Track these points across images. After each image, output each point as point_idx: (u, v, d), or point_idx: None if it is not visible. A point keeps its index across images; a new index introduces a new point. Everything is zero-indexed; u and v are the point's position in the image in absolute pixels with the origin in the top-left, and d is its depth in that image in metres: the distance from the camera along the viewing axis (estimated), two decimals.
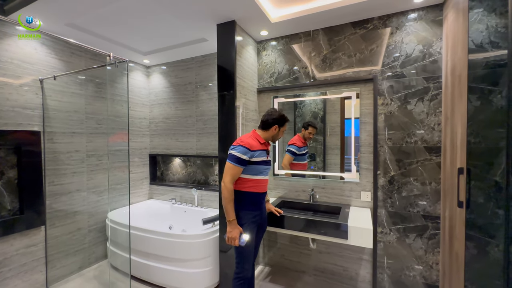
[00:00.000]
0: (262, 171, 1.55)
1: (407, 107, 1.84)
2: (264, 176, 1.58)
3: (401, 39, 1.86)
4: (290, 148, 2.26)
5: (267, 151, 1.61)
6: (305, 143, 2.22)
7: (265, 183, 1.60)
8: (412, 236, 1.85)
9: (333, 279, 2.14)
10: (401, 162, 1.87)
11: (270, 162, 1.65)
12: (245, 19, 1.96)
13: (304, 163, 2.24)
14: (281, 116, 1.59)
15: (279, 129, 1.61)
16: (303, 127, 2.21)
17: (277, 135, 1.62)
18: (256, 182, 1.53)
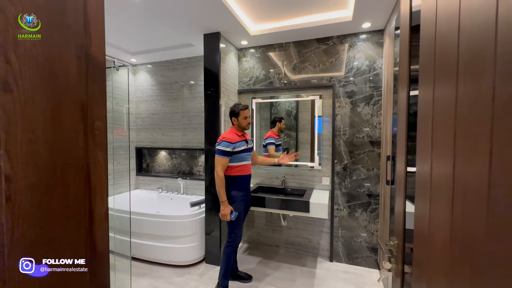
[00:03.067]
0: (245, 158, 1.95)
1: (357, 109, 2.33)
2: (248, 161, 1.98)
3: (353, 55, 2.33)
4: (270, 140, 2.65)
5: (246, 140, 1.98)
6: (278, 136, 2.63)
7: (249, 167, 2.00)
8: (359, 210, 2.36)
9: (301, 249, 2.60)
10: (352, 153, 2.36)
11: (251, 149, 2.03)
12: (228, 31, 2.30)
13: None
14: (231, 109, 1.97)
15: (238, 118, 1.95)
16: (277, 121, 2.62)
17: (242, 123, 1.94)
18: (242, 167, 1.92)
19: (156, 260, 2.39)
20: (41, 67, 0.33)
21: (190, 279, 2.16)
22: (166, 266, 2.36)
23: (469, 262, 0.37)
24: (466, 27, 0.42)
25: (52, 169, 0.34)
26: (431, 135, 0.59)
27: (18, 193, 0.31)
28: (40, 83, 0.33)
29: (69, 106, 0.37)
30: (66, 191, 0.36)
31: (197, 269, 2.31)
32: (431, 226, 0.59)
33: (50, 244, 0.34)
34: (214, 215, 2.36)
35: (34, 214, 0.32)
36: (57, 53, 0.35)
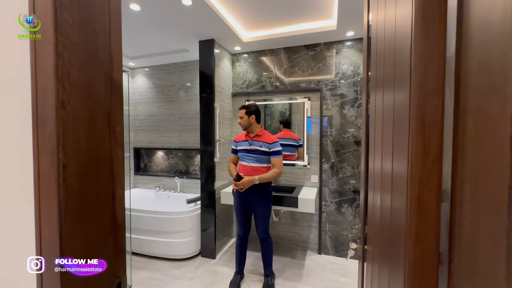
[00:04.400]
0: (243, 158, 2.01)
1: (343, 111, 2.50)
2: (246, 162, 1.98)
3: (339, 61, 2.50)
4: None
5: (249, 141, 2.00)
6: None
7: (246, 168, 1.97)
8: (345, 206, 2.52)
9: (291, 243, 2.76)
10: (338, 152, 2.53)
11: (252, 150, 1.96)
12: (222, 38, 2.45)
13: (293, 154, 2.76)
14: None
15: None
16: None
17: (241, 124, 2.01)
18: (241, 166, 2.03)
19: (154, 254, 2.53)
20: (82, 90, 0.48)
21: (187, 271, 2.29)
22: (164, 259, 2.49)
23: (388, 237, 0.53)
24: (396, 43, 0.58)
25: (89, 161, 0.49)
26: (374, 135, 0.76)
27: (69, 176, 0.45)
28: (82, 101, 0.48)
29: (99, 116, 0.51)
30: (97, 177, 0.51)
31: (193, 262, 2.45)
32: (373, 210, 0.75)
33: (87, 213, 0.49)
34: (209, 212, 2.50)
35: (79, 191, 0.47)
36: (93, 79, 0.50)
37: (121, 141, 0.57)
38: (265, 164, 1.99)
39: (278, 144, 1.97)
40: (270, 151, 1.95)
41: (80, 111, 0.47)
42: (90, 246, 0.49)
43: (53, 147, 0.43)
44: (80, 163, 0.47)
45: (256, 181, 1.87)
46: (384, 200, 0.59)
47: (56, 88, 0.43)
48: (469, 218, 0.30)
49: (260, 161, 1.97)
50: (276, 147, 1.95)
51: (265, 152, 1.95)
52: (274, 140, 1.96)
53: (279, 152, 1.96)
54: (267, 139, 1.97)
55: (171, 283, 2.12)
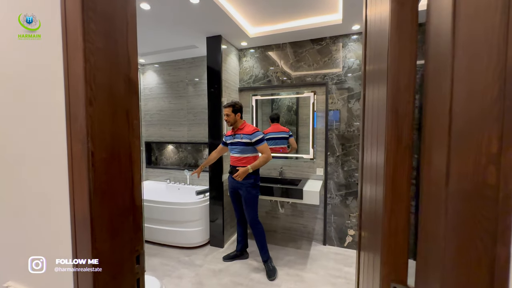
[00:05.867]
0: (231, 150, 2.26)
1: (348, 105, 2.52)
2: (233, 153, 2.22)
3: (345, 55, 2.51)
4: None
5: (232, 135, 2.21)
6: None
7: (233, 159, 2.22)
8: (350, 198, 2.57)
9: (297, 234, 2.84)
10: (344, 145, 2.56)
11: (235, 143, 2.18)
12: (229, 34, 2.51)
13: (285, 146, 2.86)
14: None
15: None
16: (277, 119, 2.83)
17: (228, 121, 2.18)
18: (230, 157, 2.27)
19: (166, 243, 2.67)
20: (106, 90, 0.56)
21: (196, 258, 2.42)
22: (174, 247, 2.63)
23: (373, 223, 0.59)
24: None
25: (112, 149, 0.57)
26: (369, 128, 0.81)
27: (97, 162, 0.54)
28: (106, 100, 0.56)
29: (120, 112, 0.59)
30: (119, 163, 0.59)
31: (202, 250, 2.57)
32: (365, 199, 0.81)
33: (112, 193, 0.58)
34: (217, 204, 2.61)
35: (104, 175, 0.56)
36: (114, 81, 0.58)
37: (138, 133, 0.65)
38: (251, 154, 2.17)
39: (259, 133, 2.13)
40: (253, 141, 2.12)
41: (105, 108, 0.55)
42: (114, 222, 0.58)
43: (84, 137, 0.52)
44: (106, 151, 0.55)
45: (250, 170, 2.07)
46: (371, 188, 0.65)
47: (85, 88, 0.51)
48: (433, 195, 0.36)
49: (243, 152, 2.16)
50: (257, 136, 2.12)
51: (247, 143, 2.13)
52: (253, 131, 2.13)
53: (261, 140, 2.12)
54: (247, 131, 2.15)
55: (182, 269, 2.25)
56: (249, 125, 2.21)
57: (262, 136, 2.14)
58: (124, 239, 0.62)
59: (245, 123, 2.21)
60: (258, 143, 2.12)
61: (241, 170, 2.06)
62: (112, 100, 0.57)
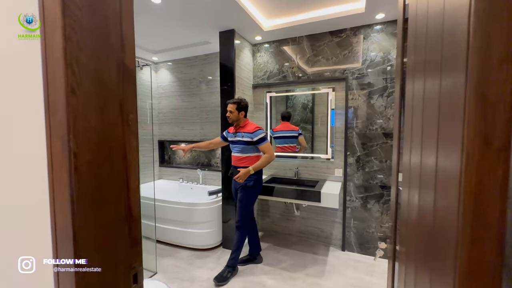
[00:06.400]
0: (232, 149, 2.15)
1: (370, 101, 2.34)
2: (233, 152, 2.12)
3: (367, 47, 2.33)
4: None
5: (233, 133, 2.11)
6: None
7: (234, 158, 2.11)
8: (372, 202, 2.39)
9: (313, 238, 2.69)
10: (365, 145, 2.38)
11: (236, 141, 2.07)
12: (242, 28, 2.40)
13: (294, 145, 2.75)
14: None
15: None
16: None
17: (230, 118, 2.07)
18: (232, 157, 2.14)
19: (178, 243, 2.61)
20: (93, 76, 0.46)
21: (208, 261, 2.34)
22: (186, 249, 2.57)
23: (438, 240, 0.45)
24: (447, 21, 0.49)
25: (101, 150, 0.48)
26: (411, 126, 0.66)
27: (81, 165, 0.44)
28: (93, 88, 0.46)
29: (112, 104, 0.49)
30: (111, 165, 0.50)
31: (214, 253, 2.49)
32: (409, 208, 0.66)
33: (100, 202, 0.48)
34: (230, 204, 2.52)
35: (91, 180, 0.46)
36: (104, 65, 0.48)
37: (135, 130, 0.55)
38: (252, 153, 2.05)
39: (260, 131, 2.01)
40: (254, 140, 2.00)
41: (91, 98, 0.46)
42: (103, 235, 0.49)
43: (64, 134, 0.42)
44: (92, 151, 0.46)
45: (252, 171, 1.96)
46: (423, 197, 0.51)
47: (65, 73, 0.41)
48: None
49: (244, 151, 2.04)
50: (259, 135, 2.00)
51: (248, 142, 2.01)
52: (255, 129, 2.01)
53: (263, 138, 2.01)
54: (248, 129, 2.03)
55: (193, 272, 2.17)
56: (251, 123, 2.09)
57: (264, 134, 2.03)
58: (117, 256, 0.52)
59: (247, 121, 2.10)
60: (260, 142, 2.00)
61: (242, 171, 1.95)
62: (102, 89, 0.47)
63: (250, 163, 2.03)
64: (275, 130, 2.78)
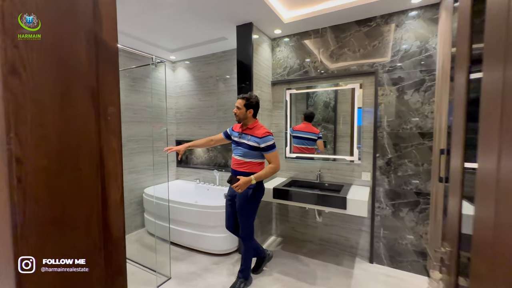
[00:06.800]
0: (233, 149, 1.93)
1: (404, 97, 2.08)
2: (234, 155, 1.90)
3: (400, 36, 2.07)
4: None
5: (239, 133, 1.89)
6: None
7: (234, 162, 1.88)
8: (405, 210, 2.12)
9: (337, 247, 2.47)
10: (397, 146, 2.12)
11: (240, 143, 1.85)
12: (261, 21, 2.25)
13: (312, 147, 2.56)
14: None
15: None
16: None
17: (236, 115, 1.87)
18: (232, 160, 1.93)
19: (193, 247, 2.52)
20: (49, 52, 0.34)
21: (224, 267, 2.22)
22: (202, 253, 2.47)
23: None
24: None
25: (62, 153, 0.35)
26: (499, 126, 0.47)
27: (29, 175, 0.32)
28: (48, 68, 0.33)
29: (79, 92, 0.37)
30: (77, 175, 0.37)
31: (230, 259, 2.37)
32: (496, 233, 0.47)
33: (61, 225, 0.35)
34: None
35: (46, 195, 0.33)
36: (65, 38, 0.35)
37: (116, 127, 0.42)
38: (255, 159, 1.84)
39: (270, 138, 1.79)
40: (261, 146, 1.78)
41: (47, 82, 0.33)
42: (65, 276, 0.36)
43: (1, 133, 0.30)
44: (47, 155, 0.33)
45: (253, 181, 1.74)
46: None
47: (2, 44, 0.29)
48: None
49: (246, 156, 1.83)
50: (268, 142, 1.78)
51: (254, 147, 1.80)
52: (264, 134, 1.79)
53: (272, 146, 1.80)
54: (257, 133, 1.80)
55: (208, 278, 2.06)
56: (261, 126, 1.87)
57: (273, 142, 1.82)
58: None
59: (257, 123, 1.88)
60: (268, 149, 1.79)
61: (242, 180, 1.70)
62: (63, 70, 0.35)
63: (251, 169, 1.82)
64: (295, 129, 2.61)
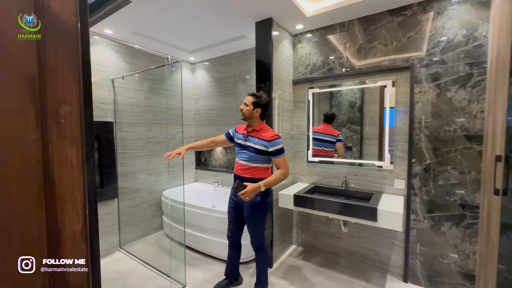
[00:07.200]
0: (237, 153, 1.78)
1: (446, 94, 1.81)
2: (238, 159, 1.75)
3: (442, 25, 1.81)
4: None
5: (245, 135, 1.75)
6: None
7: (239, 167, 1.73)
8: (447, 224, 1.84)
9: (365, 262, 2.23)
10: (438, 150, 1.85)
11: (246, 146, 1.71)
12: (281, 16, 2.10)
13: (330, 150, 2.38)
14: None
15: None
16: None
17: (243, 112, 1.74)
18: (235, 164, 1.79)
19: (209, 253, 2.44)
20: None
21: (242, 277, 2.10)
22: (218, 260, 2.37)
23: None
24: None
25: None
26: None
27: None
28: None
29: (6, 82, 0.26)
30: (6, 202, 0.26)
31: (248, 268, 2.24)
32: None
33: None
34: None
35: None
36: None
37: (75, 133, 0.31)
38: (261, 164, 1.70)
39: (278, 141, 1.66)
40: (270, 150, 1.65)
41: None
42: None
43: None
44: None
45: (262, 188, 1.59)
46: None
47: None
48: None
49: (252, 160, 1.69)
50: (277, 145, 1.65)
51: (261, 151, 1.66)
52: (273, 137, 1.65)
53: (281, 150, 1.66)
54: (264, 136, 1.67)
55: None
56: (269, 128, 1.74)
57: (282, 146, 1.68)
58: None
59: (264, 125, 1.75)
60: (277, 154, 1.65)
61: (250, 187, 1.55)
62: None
63: (257, 175, 1.69)
64: (314, 131, 2.44)
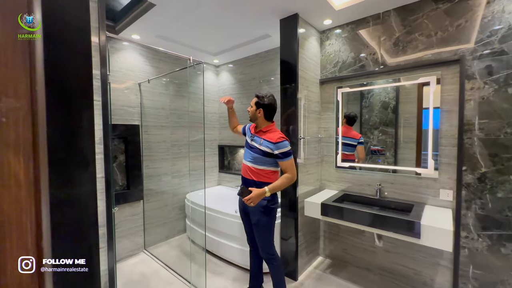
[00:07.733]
0: (244, 153, 1.74)
1: (507, 90, 1.52)
2: (244, 160, 1.71)
3: (501, 8, 1.53)
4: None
5: (252, 135, 1.71)
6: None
7: (244, 168, 1.69)
8: (510, 245, 1.54)
9: (403, 281, 1.98)
10: (496, 156, 1.57)
11: (252, 147, 1.66)
12: (308, 11, 1.97)
13: (351, 153, 2.22)
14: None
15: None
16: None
17: (249, 113, 1.72)
18: (243, 165, 1.73)
19: (232, 261, 2.35)
20: None
21: None
22: (241, 268, 2.27)
23: None
24: None
25: None
26: None
27: None
28: None
29: None
30: None
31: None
32: None
33: None
34: (290, 224, 2.10)
35: None
36: None
37: (21, 136, 0.23)
38: (267, 166, 1.62)
39: (285, 143, 1.57)
40: (275, 153, 1.56)
41: None
42: None
43: None
44: None
45: (267, 194, 1.54)
46: None
47: None
48: None
49: (257, 162, 1.62)
50: (283, 148, 1.56)
51: (266, 153, 1.59)
52: (279, 139, 1.57)
53: (287, 153, 1.57)
54: (270, 137, 1.59)
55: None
56: (276, 130, 1.66)
57: (290, 149, 1.58)
58: None
59: (272, 127, 1.67)
60: (283, 157, 1.56)
61: (255, 193, 1.51)
62: None
63: (263, 178, 1.62)
64: None
